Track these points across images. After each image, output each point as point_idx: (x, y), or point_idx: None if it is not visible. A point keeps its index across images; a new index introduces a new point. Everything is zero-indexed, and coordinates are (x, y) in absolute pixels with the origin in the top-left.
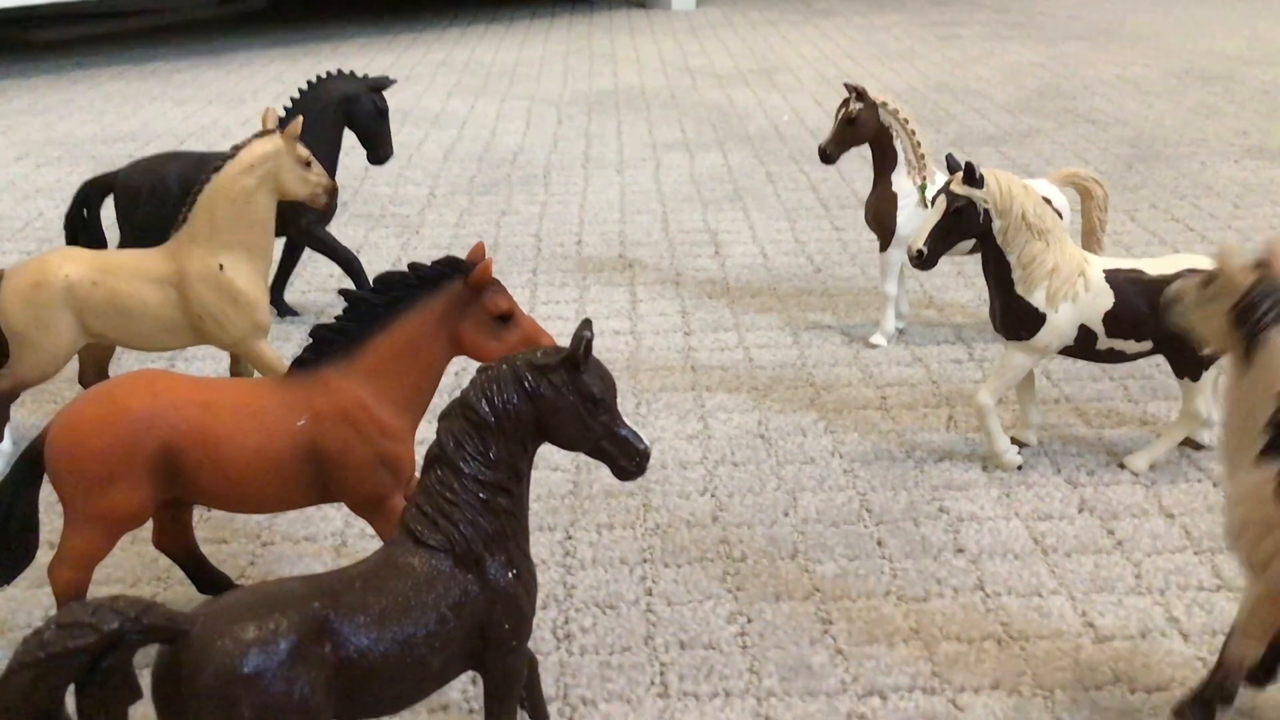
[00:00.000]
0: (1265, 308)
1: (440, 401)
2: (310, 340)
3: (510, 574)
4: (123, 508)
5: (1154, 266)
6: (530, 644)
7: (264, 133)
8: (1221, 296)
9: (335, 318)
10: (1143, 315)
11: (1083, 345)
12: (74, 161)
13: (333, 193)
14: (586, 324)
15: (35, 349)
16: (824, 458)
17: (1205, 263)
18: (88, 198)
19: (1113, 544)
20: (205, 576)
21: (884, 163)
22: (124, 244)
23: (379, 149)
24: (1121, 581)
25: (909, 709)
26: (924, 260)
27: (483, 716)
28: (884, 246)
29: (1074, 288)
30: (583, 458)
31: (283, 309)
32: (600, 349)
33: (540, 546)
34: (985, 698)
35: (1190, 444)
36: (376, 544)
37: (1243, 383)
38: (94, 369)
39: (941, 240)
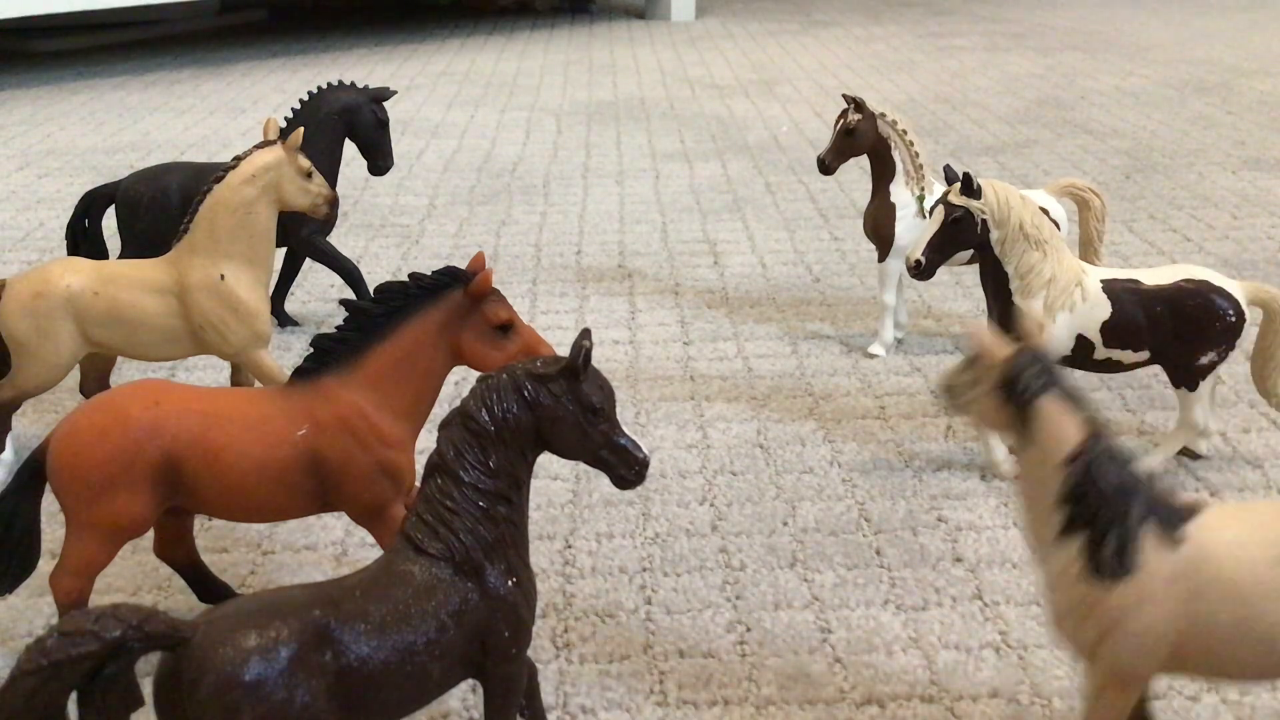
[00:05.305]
0: (1028, 377)
1: (441, 411)
2: (311, 350)
3: (510, 582)
4: (124, 517)
5: (1151, 277)
6: (530, 652)
7: (265, 143)
8: (984, 378)
9: (336, 327)
10: (1140, 326)
11: (1080, 355)
12: (75, 172)
13: (333, 203)
14: (586, 333)
15: (37, 359)
16: (823, 467)
17: (1203, 273)
18: (89, 208)
19: None
20: (206, 585)
21: (882, 173)
22: (125, 254)
23: (379, 159)
24: None
25: (907, 717)
26: (922, 270)
27: None
28: (882, 257)
29: (1071, 298)
30: (582, 467)
31: (283, 319)
32: (599, 358)
33: (540, 555)
34: (983, 706)
35: (1187, 454)
36: (377, 553)
37: (1026, 460)
38: (95, 379)
39: (939, 250)
